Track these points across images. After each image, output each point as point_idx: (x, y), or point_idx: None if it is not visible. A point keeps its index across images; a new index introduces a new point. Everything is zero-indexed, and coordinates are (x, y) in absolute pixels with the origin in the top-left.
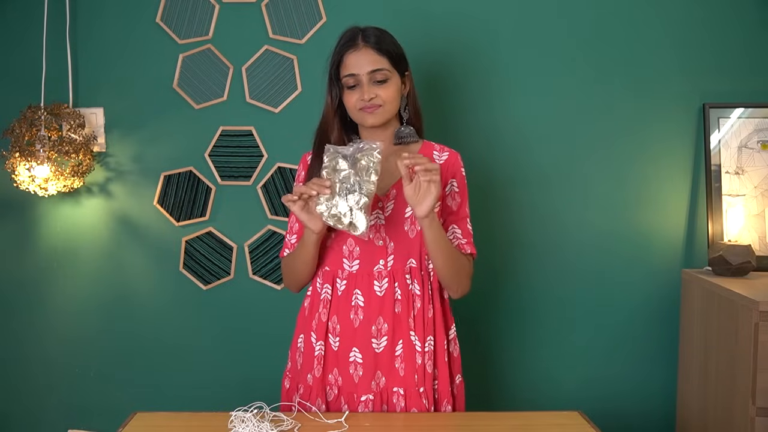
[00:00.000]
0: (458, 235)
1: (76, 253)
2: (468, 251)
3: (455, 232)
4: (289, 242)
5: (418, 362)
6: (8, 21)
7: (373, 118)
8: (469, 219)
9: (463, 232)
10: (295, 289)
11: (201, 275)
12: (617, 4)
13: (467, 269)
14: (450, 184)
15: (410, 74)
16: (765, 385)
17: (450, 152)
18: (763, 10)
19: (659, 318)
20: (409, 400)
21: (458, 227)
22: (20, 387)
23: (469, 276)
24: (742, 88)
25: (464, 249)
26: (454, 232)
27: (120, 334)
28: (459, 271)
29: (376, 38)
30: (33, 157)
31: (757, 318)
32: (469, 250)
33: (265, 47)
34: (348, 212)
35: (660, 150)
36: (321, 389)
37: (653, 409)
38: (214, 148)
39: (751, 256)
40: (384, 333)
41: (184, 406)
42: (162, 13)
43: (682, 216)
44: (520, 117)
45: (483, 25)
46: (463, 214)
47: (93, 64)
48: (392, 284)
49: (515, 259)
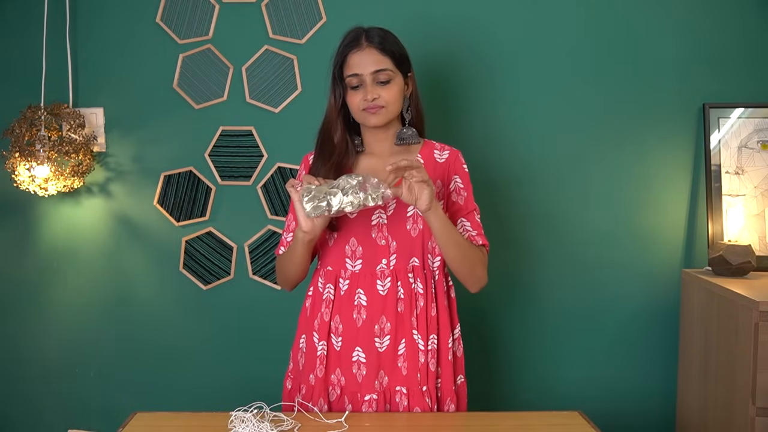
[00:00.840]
0: (467, 228)
1: (76, 253)
2: (480, 242)
3: (464, 224)
4: (284, 240)
5: (421, 361)
6: (8, 21)
7: (376, 118)
8: (477, 212)
9: (472, 224)
10: (288, 287)
11: (201, 275)
12: (617, 5)
13: (482, 259)
14: (453, 181)
15: (413, 75)
16: (765, 385)
17: (450, 150)
18: (763, 10)
19: (659, 318)
20: (412, 399)
21: (467, 220)
22: (20, 387)
23: (485, 266)
24: (742, 88)
25: (476, 240)
26: (463, 225)
27: (120, 334)
28: (473, 261)
29: (379, 38)
30: (33, 157)
31: (757, 318)
32: (480, 241)
33: (265, 47)
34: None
35: (660, 150)
36: (323, 389)
37: (653, 408)
38: (214, 148)
39: (751, 256)
40: (387, 332)
41: (184, 406)
42: (162, 13)
43: (682, 216)
44: (521, 117)
45: (483, 26)
46: (470, 208)
47: (93, 64)
48: (395, 283)
49: (515, 259)
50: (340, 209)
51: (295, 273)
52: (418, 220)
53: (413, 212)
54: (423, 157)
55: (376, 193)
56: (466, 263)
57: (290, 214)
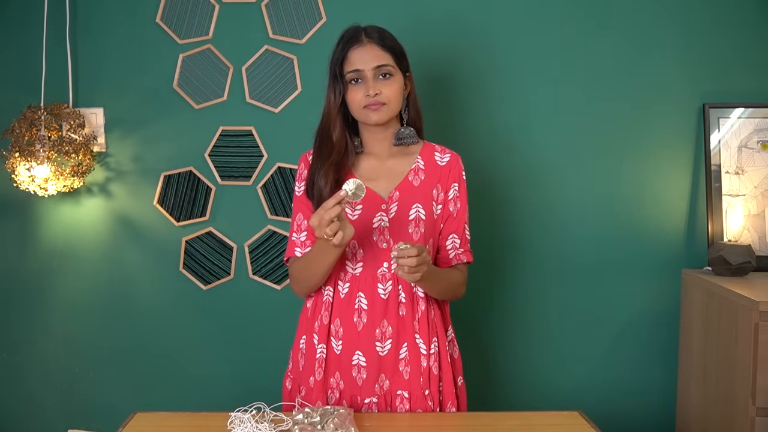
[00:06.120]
0: (456, 246)
1: (76, 253)
2: (464, 260)
3: (454, 242)
4: (297, 240)
5: (424, 365)
6: (8, 21)
7: (377, 115)
8: (467, 224)
9: (462, 241)
10: (303, 294)
11: (201, 275)
12: (617, 5)
13: (462, 282)
14: (453, 188)
15: (411, 75)
16: (765, 385)
17: (451, 154)
18: (763, 10)
19: (659, 318)
20: (413, 403)
21: (457, 236)
22: (20, 387)
23: (464, 285)
24: (742, 88)
25: (461, 259)
26: (453, 242)
27: (120, 334)
28: (456, 292)
29: (379, 35)
30: (33, 157)
31: (757, 318)
32: (465, 259)
33: (265, 47)
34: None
35: (660, 150)
36: (322, 392)
37: (653, 408)
38: (214, 148)
39: (751, 256)
40: (388, 336)
41: (184, 406)
42: (162, 13)
43: (682, 216)
44: (521, 117)
45: (482, 27)
46: (462, 220)
47: (93, 64)
48: (396, 287)
49: (516, 260)
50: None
51: (322, 278)
52: (420, 224)
53: (415, 215)
54: (423, 159)
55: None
56: (449, 295)
57: (298, 213)
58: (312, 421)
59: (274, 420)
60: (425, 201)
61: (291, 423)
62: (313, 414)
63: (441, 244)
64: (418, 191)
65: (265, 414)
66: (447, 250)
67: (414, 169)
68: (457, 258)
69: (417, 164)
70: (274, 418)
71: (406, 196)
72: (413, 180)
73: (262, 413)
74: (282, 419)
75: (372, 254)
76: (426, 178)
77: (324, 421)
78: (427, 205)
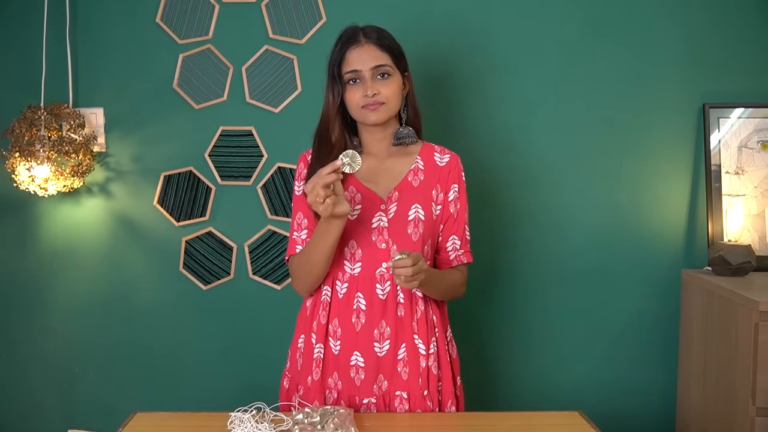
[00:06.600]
0: (456, 247)
1: (76, 253)
2: (464, 261)
3: (454, 243)
4: (298, 239)
5: (422, 365)
6: (8, 21)
7: (376, 115)
8: (467, 224)
9: (462, 242)
10: (306, 292)
11: (201, 275)
12: (617, 6)
13: (462, 282)
14: (452, 189)
15: (410, 75)
16: (765, 385)
17: (451, 155)
18: (763, 10)
19: (659, 318)
20: (412, 404)
21: (457, 237)
22: (20, 387)
23: (464, 285)
24: (742, 88)
25: (461, 260)
26: (453, 243)
27: (120, 334)
28: (456, 292)
29: (377, 35)
30: (33, 157)
31: (757, 318)
32: (465, 260)
33: (265, 47)
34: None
35: (660, 150)
36: (320, 392)
37: (653, 408)
38: (214, 148)
39: (751, 256)
40: (387, 336)
41: (184, 406)
42: (162, 13)
43: (682, 216)
44: (521, 117)
45: (482, 27)
46: (462, 221)
47: (93, 64)
48: (395, 287)
49: (515, 259)
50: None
51: (324, 266)
52: (419, 225)
53: (414, 216)
54: (422, 159)
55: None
56: (449, 296)
57: (299, 213)
58: (312, 421)
59: (274, 420)
60: (424, 201)
61: (291, 423)
62: (313, 414)
63: (441, 245)
64: (417, 191)
65: (265, 414)
66: (447, 251)
67: (413, 170)
68: (457, 259)
69: (416, 164)
70: (274, 418)
71: (406, 196)
72: (413, 180)
73: (262, 413)
74: (282, 419)
75: (371, 254)
76: (425, 178)
77: (324, 421)
78: (426, 205)
